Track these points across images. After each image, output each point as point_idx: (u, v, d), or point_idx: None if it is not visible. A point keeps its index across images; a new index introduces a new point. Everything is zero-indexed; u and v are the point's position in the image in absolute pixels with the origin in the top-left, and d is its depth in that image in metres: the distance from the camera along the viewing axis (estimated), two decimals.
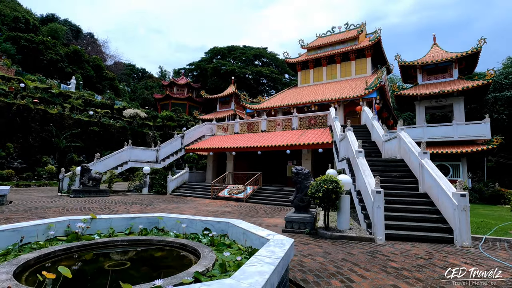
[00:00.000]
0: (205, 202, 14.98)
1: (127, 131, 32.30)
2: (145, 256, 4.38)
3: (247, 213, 11.43)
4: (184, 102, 48.20)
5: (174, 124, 37.67)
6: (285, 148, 15.95)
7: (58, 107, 26.69)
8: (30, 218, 8.37)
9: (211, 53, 50.14)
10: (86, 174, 15.55)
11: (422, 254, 5.86)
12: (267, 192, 15.92)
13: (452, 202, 6.78)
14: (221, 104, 32.48)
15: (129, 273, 3.51)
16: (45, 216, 8.78)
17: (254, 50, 48.33)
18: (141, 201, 14.38)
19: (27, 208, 10.26)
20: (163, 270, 3.74)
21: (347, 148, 10.62)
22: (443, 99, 19.90)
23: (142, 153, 19.10)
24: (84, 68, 43.62)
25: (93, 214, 5.40)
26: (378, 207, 6.81)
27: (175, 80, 50.84)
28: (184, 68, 56.01)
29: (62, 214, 9.41)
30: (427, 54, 21.69)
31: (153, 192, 18.28)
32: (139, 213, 10.40)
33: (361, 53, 28.87)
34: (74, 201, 13.07)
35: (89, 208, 11.03)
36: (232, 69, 44.13)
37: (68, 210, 10.46)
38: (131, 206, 12.25)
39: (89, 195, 15.24)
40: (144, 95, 52.47)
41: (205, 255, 3.65)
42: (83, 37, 55.84)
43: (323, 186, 7.18)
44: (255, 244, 4.44)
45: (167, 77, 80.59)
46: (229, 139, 19.83)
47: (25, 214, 9.07)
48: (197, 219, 5.67)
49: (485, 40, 18.39)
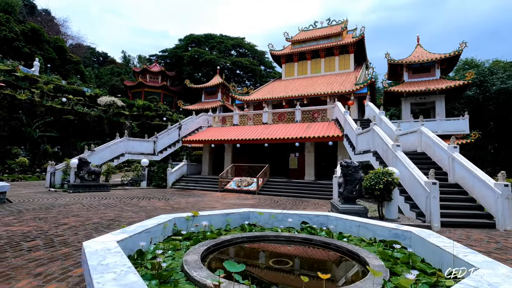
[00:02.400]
0: (217, 195, 14.73)
1: (103, 120, 30.05)
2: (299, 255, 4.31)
3: (276, 206, 11.54)
4: (159, 91, 45.99)
5: (152, 113, 35.87)
6: (293, 140, 16.22)
7: (26, 92, 23.84)
8: (70, 221, 7.62)
9: (186, 41, 48.12)
10: (84, 168, 14.30)
11: (485, 238, 6.55)
12: (276, 184, 16.13)
13: (494, 191, 7.61)
14: (207, 94, 31.62)
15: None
16: (78, 217, 8.05)
17: (232, 39, 47.43)
18: (150, 195, 13.68)
19: (37, 208, 9.24)
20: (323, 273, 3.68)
21: (373, 142, 11.20)
22: (427, 96, 21.66)
23: (139, 144, 18.00)
24: (44, 49, 39.18)
25: (195, 211, 5.15)
26: (434, 197, 7.40)
27: (148, 67, 48.12)
28: (156, 55, 53.12)
29: (91, 213, 8.67)
30: (412, 54, 23.32)
31: (153, 186, 17.45)
32: (168, 208, 9.97)
33: (345, 49, 29.93)
34: (80, 198, 12.01)
35: (108, 205, 10.27)
36: (211, 58, 42.95)
37: (92, 207, 9.63)
38: (151, 201, 11.63)
39: (89, 190, 14.08)
40: (112, 82, 48.88)
41: (371, 261, 3.33)
42: (38, 14, 49.93)
43: (383, 179, 7.59)
44: (382, 235, 4.63)
45: (132, 63, 75.80)
46: (230, 131, 19.54)
47: (51, 215, 8.20)
48: (292, 213, 5.69)
49: (466, 44, 20.33)
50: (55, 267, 4.06)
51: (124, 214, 8.39)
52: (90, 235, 5.84)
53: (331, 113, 17.81)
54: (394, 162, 9.38)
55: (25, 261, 4.24)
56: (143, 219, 7.77)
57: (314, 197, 14.00)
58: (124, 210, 9.12)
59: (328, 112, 18.04)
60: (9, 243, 5.15)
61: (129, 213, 8.69)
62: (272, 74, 49.84)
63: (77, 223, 7.01)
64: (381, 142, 10.45)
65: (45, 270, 3.91)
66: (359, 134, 12.84)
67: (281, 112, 19.45)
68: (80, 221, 7.20)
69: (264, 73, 47.43)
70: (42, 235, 5.77)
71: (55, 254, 4.61)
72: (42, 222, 6.98)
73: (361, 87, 22.30)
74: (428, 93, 21.15)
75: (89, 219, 7.57)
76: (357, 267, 3.54)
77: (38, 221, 7.08)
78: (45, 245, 5.11)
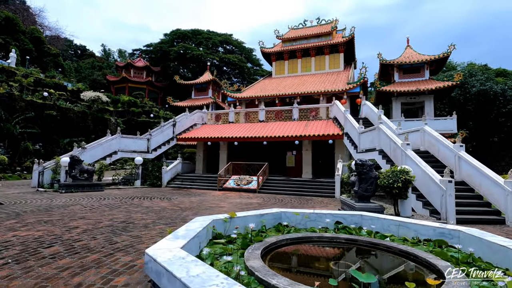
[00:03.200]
0: (218, 193, 14.41)
1: (88, 117, 28.72)
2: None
3: (283, 204, 11.43)
4: (144, 86, 44.56)
5: (138, 110, 34.70)
6: (294, 139, 16.15)
7: (4, 86, 22.27)
8: (79, 224, 7.13)
9: (172, 35, 46.83)
10: (77, 166, 13.51)
11: (502, 234, 6.75)
12: (276, 182, 16.03)
13: (504, 189, 7.88)
14: (197, 91, 30.94)
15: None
16: (85, 219, 7.56)
17: (220, 36, 46.69)
18: (149, 194, 13.14)
19: (35, 210, 8.60)
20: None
21: (379, 141, 11.33)
22: (416, 96, 22.32)
23: (133, 142, 17.25)
24: (20, 40, 36.78)
25: (232, 213, 4.92)
26: (450, 195, 7.56)
27: (133, 61, 46.52)
28: (140, 50, 51.42)
29: (98, 215, 8.17)
30: (402, 55, 23.92)
31: (147, 185, 16.82)
32: (175, 208, 9.60)
33: (335, 49, 30.25)
34: (76, 198, 11.33)
35: (111, 206, 9.74)
36: (199, 54, 42.09)
37: (94, 208, 9.08)
38: (153, 201, 11.15)
39: (82, 190, 13.33)
40: (93, 76, 46.79)
41: (435, 261, 3.25)
42: (11, 2, 46.84)
43: (401, 177, 7.64)
44: (426, 234, 4.60)
45: (112, 57, 73.05)
46: (226, 129, 19.19)
47: (55, 218, 7.64)
48: (326, 213, 5.58)
49: (454, 46, 21.10)
50: (92, 276, 3.71)
51: (134, 216, 7.95)
52: (110, 239, 5.45)
53: (329, 112, 17.91)
54: (403, 160, 9.52)
55: (56, 270, 3.85)
56: (156, 220, 7.41)
57: (315, 195, 14.02)
58: (131, 211, 8.66)
59: (323, 111, 18.14)
60: (25, 250, 4.69)
61: (138, 214, 8.25)
62: (260, 72, 49.67)
63: (88, 226, 6.55)
64: (388, 141, 10.59)
65: (84, 280, 3.56)
66: (362, 133, 12.97)
67: (278, 110, 19.35)
68: (91, 224, 6.73)
69: (252, 71, 47.13)
70: (57, 240, 5.31)
71: (84, 262, 4.22)
72: (50, 225, 6.45)
73: (354, 86, 22.62)
74: (418, 93, 21.80)
75: (99, 221, 7.10)
76: (426, 270, 3.43)
77: (44, 224, 6.54)
78: (68, 251, 4.70)
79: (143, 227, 6.56)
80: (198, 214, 8.43)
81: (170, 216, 8.04)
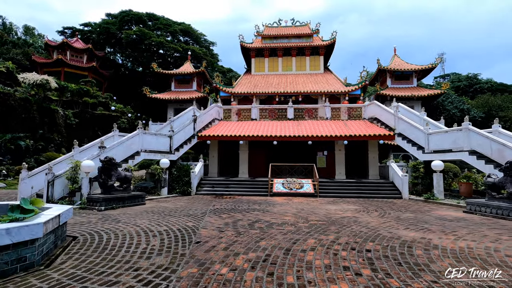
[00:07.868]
0: (278, 199, 12.31)
1: (32, 106, 21.89)
2: None
3: (376, 208, 10.47)
4: (85, 73, 36.95)
5: (93, 100, 28.34)
6: (340, 138, 15.37)
7: None
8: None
9: (122, 16, 40.07)
10: (114, 173, 9.67)
11: None
12: (329, 185, 14.92)
13: None
14: (178, 83, 26.94)
15: None
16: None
17: (179, 24, 42.07)
18: (230, 205, 10.33)
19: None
20: None
21: (469, 141, 11.42)
22: (407, 101, 24.40)
23: (155, 140, 13.42)
24: None
25: None
26: None
27: (69, 41, 37.99)
28: (74, 28, 42.49)
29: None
30: (392, 62, 25.86)
31: (177, 192, 13.45)
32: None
33: (316, 51, 30.91)
34: (143, 220, 8.01)
35: (229, 225, 7.12)
36: (159, 42, 37.07)
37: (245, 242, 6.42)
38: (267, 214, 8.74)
39: (122, 205, 9.61)
40: (9, 55, 36.32)
41: None
42: None
43: None
44: None
45: (15, 34, 59.00)
46: (252, 126, 17.03)
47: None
48: None
49: (442, 59, 23.87)
50: None
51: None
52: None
53: (363, 111, 17.83)
54: None
55: None
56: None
57: (381, 197, 13.41)
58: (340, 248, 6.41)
59: (361, 111, 17.93)
60: None
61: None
62: (220, 67, 47.15)
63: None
64: (487, 141, 10.84)
65: None
66: (431, 134, 13.14)
67: (308, 108, 18.26)
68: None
69: (216, 66, 44.20)
70: None
71: None
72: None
73: (356, 88, 23.27)
74: (409, 98, 23.88)
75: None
76: None
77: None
78: None
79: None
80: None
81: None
